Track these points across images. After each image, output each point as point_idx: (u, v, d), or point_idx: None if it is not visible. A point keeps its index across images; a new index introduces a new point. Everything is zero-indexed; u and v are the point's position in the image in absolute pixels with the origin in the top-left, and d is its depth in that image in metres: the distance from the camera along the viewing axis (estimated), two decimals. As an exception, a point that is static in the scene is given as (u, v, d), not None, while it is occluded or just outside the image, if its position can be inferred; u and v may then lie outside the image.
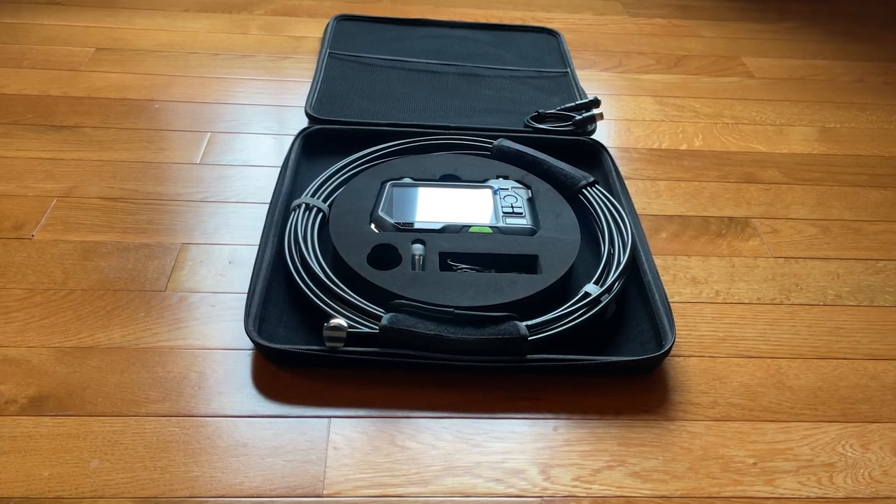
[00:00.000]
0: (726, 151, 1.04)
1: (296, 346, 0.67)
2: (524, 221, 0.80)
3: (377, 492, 0.58)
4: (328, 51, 1.19)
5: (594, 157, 0.98)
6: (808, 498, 0.60)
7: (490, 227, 0.79)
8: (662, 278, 0.77)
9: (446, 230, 0.78)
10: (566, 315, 0.70)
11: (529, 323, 0.67)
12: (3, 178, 0.88)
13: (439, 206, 0.82)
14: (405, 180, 0.85)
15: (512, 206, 0.82)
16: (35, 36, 1.19)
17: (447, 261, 0.76)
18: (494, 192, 0.84)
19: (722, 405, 0.67)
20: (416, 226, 0.78)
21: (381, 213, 0.79)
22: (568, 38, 1.31)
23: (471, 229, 0.78)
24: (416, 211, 0.80)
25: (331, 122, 1.00)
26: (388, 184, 0.84)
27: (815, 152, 1.06)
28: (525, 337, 0.66)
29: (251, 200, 0.88)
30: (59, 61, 1.13)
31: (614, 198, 0.87)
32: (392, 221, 0.78)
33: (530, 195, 0.84)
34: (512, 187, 0.85)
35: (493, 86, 1.14)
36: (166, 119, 1.02)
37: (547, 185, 0.86)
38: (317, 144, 0.96)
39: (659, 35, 1.36)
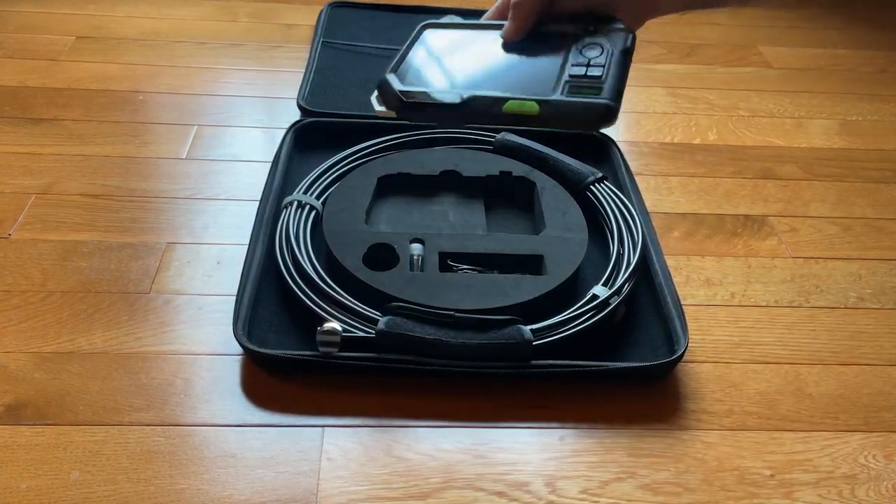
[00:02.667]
0: (742, 146, 1.04)
1: (287, 352, 0.67)
2: (598, 91, 0.52)
3: (373, 505, 0.58)
4: (322, 39, 1.19)
5: (602, 152, 0.98)
6: (828, 512, 0.60)
7: (538, 99, 0.52)
8: (675, 280, 0.77)
9: (470, 104, 0.53)
10: (573, 318, 0.70)
11: (534, 327, 0.68)
12: (-21, 173, 0.88)
13: (473, 61, 0.58)
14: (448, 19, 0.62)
15: (588, 64, 0.54)
16: (12, 23, 1.19)
17: (447, 261, 0.76)
18: (574, 38, 0.56)
19: (738, 413, 0.67)
20: (431, 94, 0.55)
21: (387, 76, 0.57)
22: (575, 25, 1.31)
23: (506, 105, 0.52)
24: (441, 73, 0.58)
25: (324, 114, 1.00)
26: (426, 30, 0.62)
27: (835, 147, 1.06)
28: (530, 341, 0.66)
29: (240, 197, 0.88)
30: (38, 50, 1.13)
31: (624, 195, 0.87)
32: (400, 88, 0.55)
33: (629, 44, 0.55)
34: (602, 30, 0.56)
35: (495, 76, 1.14)
36: (151, 111, 1.02)
37: (552, 182, 0.86)
38: (310, 138, 0.96)
39: (671, 23, 1.35)
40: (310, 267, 0.72)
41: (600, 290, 0.72)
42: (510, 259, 0.76)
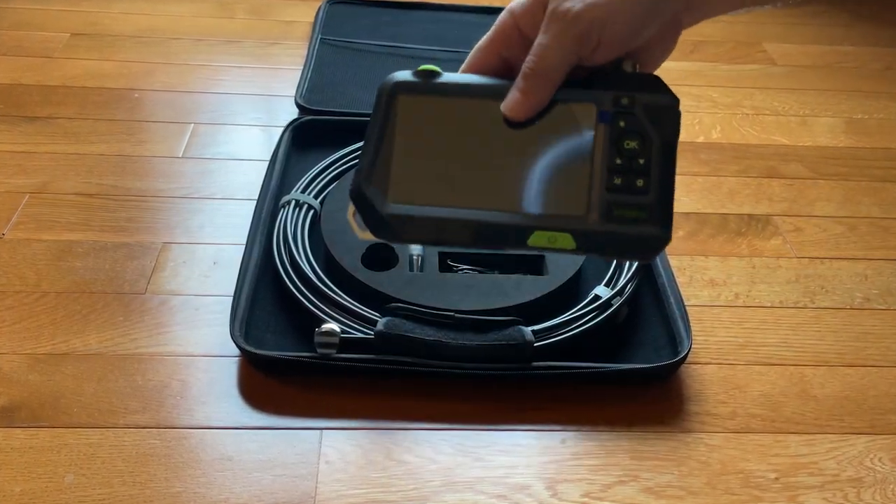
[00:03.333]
0: (746, 144, 1.04)
1: (285, 353, 0.67)
2: (644, 211, 0.41)
3: (372, 509, 0.58)
4: (320, 36, 1.19)
5: (605, 151, 0.98)
6: (833, 515, 0.60)
7: (572, 231, 0.41)
8: (678, 280, 0.77)
9: (485, 237, 0.42)
10: (575, 319, 0.70)
11: (535, 328, 0.67)
12: (-28, 172, 0.88)
13: (474, 155, 0.43)
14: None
15: (628, 168, 0.41)
16: (6, 20, 1.19)
17: (447, 261, 0.75)
18: (602, 118, 0.42)
19: (742, 416, 0.67)
20: (431, 224, 0.42)
21: (364, 190, 0.43)
22: (577, 22, 1.31)
23: (532, 238, 0.41)
24: (435, 179, 0.44)
25: (323, 112, 1.00)
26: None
27: (841, 145, 1.06)
28: (531, 343, 0.66)
29: (237, 197, 0.88)
30: (32, 47, 1.13)
31: (626, 194, 0.87)
32: (387, 211, 0.43)
33: (674, 129, 0.42)
34: (639, 106, 0.42)
35: (496, 74, 1.14)
36: (146, 109, 1.02)
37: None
38: (308, 137, 0.96)
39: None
40: (308, 267, 0.72)
41: (602, 291, 0.72)
42: (511, 259, 0.76)
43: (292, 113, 1.02)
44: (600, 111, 0.43)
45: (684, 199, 0.93)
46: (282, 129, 0.95)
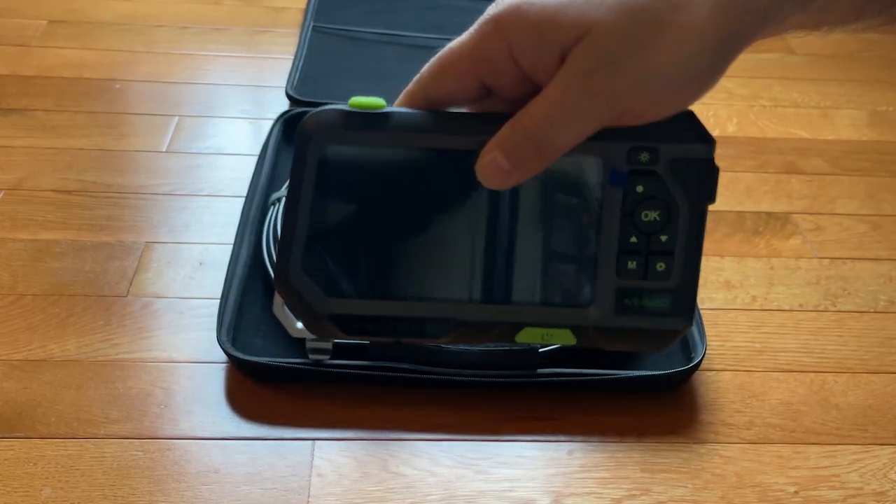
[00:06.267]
0: (764, 138, 1.04)
1: (275, 359, 0.67)
2: (663, 299, 0.34)
3: (367, 524, 0.58)
4: (312, 23, 1.19)
5: (614, 145, 0.98)
6: (856, 531, 0.60)
7: (572, 326, 0.34)
8: (691, 282, 0.77)
9: (454, 333, 0.35)
10: (582, 324, 0.69)
11: (540, 333, 0.67)
12: (-56, 168, 0.88)
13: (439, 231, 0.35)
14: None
15: (647, 249, 0.34)
16: (-21, 7, 1.19)
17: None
18: (614, 181, 0.34)
19: (759, 426, 0.67)
20: (381, 321, 0.35)
21: (290, 276, 0.34)
22: (584, 9, 1.31)
23: (521, 334, 0.34)
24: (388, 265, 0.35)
25: (315, 104, 1.00)
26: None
27: (864, 139, 1.06)
28: (535, 349, 0.66)
29: (225, 193, 0.88)
30: (7, 36, 1.13)
31: (637, 190, 0.86)
32: (329, 311, 0.34)
33: (710, 191, 0.38)
34: (664, 162, 0.36)
35: (499, 63, 1.14)
36: (128, 101, 1.02)
37: (560, 177, 0.86)
38: (299, 130, 0.96)
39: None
40: (299, 268, 0.72)
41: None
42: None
43: (283, 105, 1.02)
44: (612, 171, 0.34)
45: (698, 196, 0.93)
46: (272, 121, 0.95)
